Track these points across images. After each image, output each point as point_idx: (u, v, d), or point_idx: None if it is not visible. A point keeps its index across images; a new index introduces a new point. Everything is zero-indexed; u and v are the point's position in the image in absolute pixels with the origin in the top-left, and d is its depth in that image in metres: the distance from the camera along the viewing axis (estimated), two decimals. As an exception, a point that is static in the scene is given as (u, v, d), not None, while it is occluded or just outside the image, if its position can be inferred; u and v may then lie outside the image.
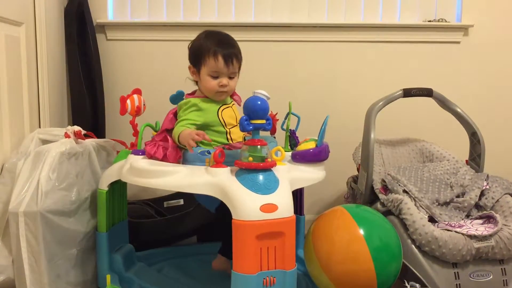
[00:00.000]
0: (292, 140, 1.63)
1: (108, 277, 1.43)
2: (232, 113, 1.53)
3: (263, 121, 1.24)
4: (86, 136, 1.62)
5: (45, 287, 1.39)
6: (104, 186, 1.54)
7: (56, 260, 1.42)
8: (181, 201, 2.09)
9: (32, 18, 1.76)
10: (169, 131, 1.50)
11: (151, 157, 1.43)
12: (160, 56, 2.20)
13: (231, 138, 1.49)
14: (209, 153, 1.35)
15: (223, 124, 1.49)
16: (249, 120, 1.24)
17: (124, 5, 2.20)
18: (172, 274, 1.69)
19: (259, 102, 1.24)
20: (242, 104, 1.33)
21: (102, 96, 2.12)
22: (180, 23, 2.19)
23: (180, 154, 1.43)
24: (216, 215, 1.57)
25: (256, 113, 1.24)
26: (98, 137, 1.72)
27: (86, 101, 2.04)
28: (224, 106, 1.52)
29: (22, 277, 1.38)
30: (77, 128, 1.58)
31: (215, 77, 1.47)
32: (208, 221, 1.84)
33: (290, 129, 1.64)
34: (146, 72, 2.19)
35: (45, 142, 1.55)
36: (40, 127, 1.77)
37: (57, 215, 1.41)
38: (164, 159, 1.40)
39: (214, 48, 1.47)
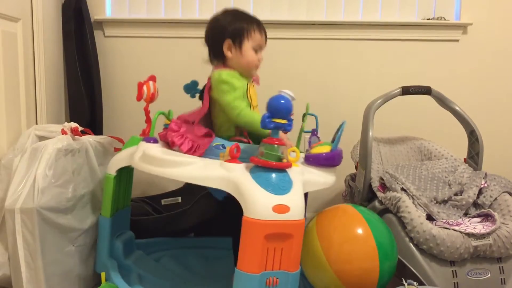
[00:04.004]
0: (315, 139, 1.61)
1: (103, 274, 1.42)
2: (255, 91, 1.52)
3: (285, 121, 1.22)
4: (83, 132, 1.62)
5: (42, 284, 1.38)
6: (112, 171, 1.53)
7: (53, 257, 1.41)
8: (179, 199, 2.08)
9: (29, 14, 1.75)
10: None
11: (173, 146, 1.40)
12: (158, 53, 2.20)
13: None
14: (224, 147, 1.34)
15: (250, 102, 1.48)
16: (270, 118, 1.22)
17: (122, 1, 2.19)
18: (170, 265, 1.70)
19: (282, 101, 1.22)
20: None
21: (99, 92, 2.12)
22: (178, 20, 2.18)
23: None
24: (223, 206, 1.54)
25: (279, 112, 1.22)
26: (95, 134, 1.71)
27: (83, 98, 2.03)
28: (250, 84, 1.51)
29: (18, 274, 1.38)
30: (74, 124, 1.58)
31: (256, 51, 1.50)
32: (205, 218, 1.83)
33: (313, 129, 1.62)
34: (144, 69, 2.18)
35: (41, 138, 1.54)
36: (37, 124, 1.77)
37: (54, 212, 1.40)
38: (188, 152, 1.37)
39: (256, 22, 1.51)
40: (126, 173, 1.59)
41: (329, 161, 1.42)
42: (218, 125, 1.50)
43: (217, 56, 1.52)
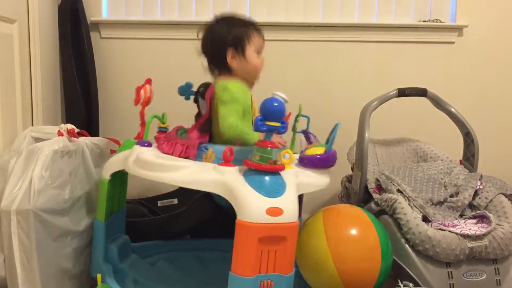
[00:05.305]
0: (309, 139, 1.61)
1: (99, 276, 1.42)
2: (255, 104, 1.51)
3: (278, 124, 1.22)
4: (79, 134, 1.62)
5: (37, 285, 1.38)
6: (106, 175, 1.52)
7: (49, 259, 1.41)
8: (175, 201, 2.08)
9: (25, 15, 1.74)
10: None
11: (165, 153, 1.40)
12: (154, 54, 2.20)
13: None
14: (207, 149, 1.34)
15: (254, 112, 1.47)
16: (263, 121, 1.21)
17: (118, 3, 2.19)
18: (166, 269, 1.69)
19: (275, 104, 1.21)
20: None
21: (95, 94, 2.12)
22: (175, 22, 2.18)
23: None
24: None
25: (271, 115, 1.21)
26: (91, 136, 1.71)
27: (79, 99, 2.03)
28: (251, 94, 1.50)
29: (14, 276, 1.37)
30: (70, 126, 1.57)
31: (258, 54, 1.48)
32: (202, 220, 1.83)
33: (303, 130, 1.63)
34: (140, 71, 2.18)
35: (38, 140, 1.54)
36: (33, 125, 1.76)
37: (50, 214, 1.40)
38: (180, 156, 1.37)
39: (253, 25, 1.49)
40: (120, 176, 1.58)
41: (323, 163, 1.42)
42: (217, 134, 1.48)
43: (220, 67, 1.48)
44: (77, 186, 1.53)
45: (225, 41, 1.45)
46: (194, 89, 1.63)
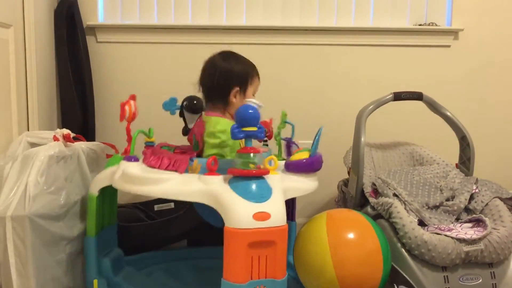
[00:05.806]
0: (289, 148, 1.61)
1: (95, 282, 1.41)
2: None
3: (255, 129, 1.24)
4: (75, 139, 1.61)
5: (33, 291, 1.37)
6: (95, 190, 1.53)
7: (44, 264, 1.40)
8: (172, 205, 2.08)
9: (21, 20, 1.74)
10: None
11: (152, 167, 1.41)
12: (150, 59, 2.19)
13: None
14: (192, 160, 1.35)
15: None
16: (240, 128, 1.23)
17: (114, 7, 2.19)
18: (161, 279, 1.68)
19: (250, 111, 1.24)
20: None
21: (92, 99, 2.11)
22: (171, 26, 2.18)
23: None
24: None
25: (247, 121, 1.23)
26: (87, 140, 1.70)
27: (75, 104, 2.02)
28: None
29: (9, 282, 1.37)
30: (66, 131, 1.57)
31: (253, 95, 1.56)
32: (198, 224, 1.83)
33: (287, 138, 1.63)
34: (136, 75, 2.18)
35: (33, 145, 1.53)
36: (28, 130, 1.75)
37: (45, 219, 1.39)
38: (167, 169, 1.38)
39: (255, 67, 1.57)
40: (109, 191, 1.58)
41: (309, 167, 1.43)
42: None
43: (217, 100, 1.53)
44: (72, 192, 1.53)
45: (232, 78, 1.51)
46: (179, 103, 1.63)
